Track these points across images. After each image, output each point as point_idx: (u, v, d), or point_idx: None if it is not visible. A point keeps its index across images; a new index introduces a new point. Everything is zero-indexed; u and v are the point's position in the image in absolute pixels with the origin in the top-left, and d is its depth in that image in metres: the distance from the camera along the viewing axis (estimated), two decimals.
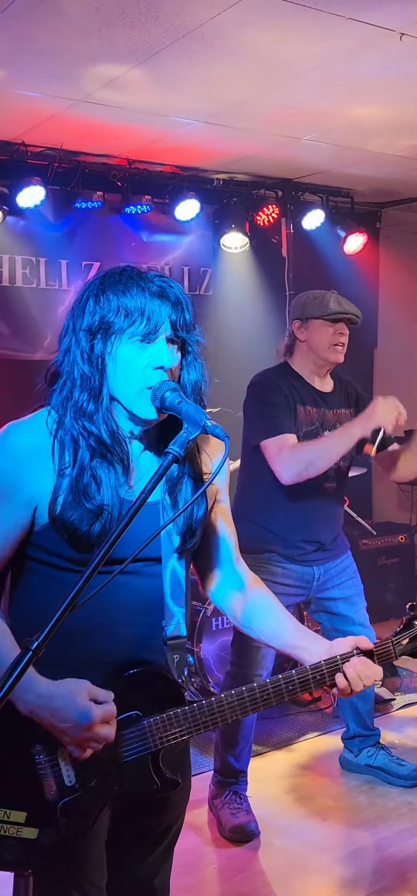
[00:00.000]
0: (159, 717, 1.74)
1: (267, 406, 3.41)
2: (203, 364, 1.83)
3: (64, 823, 1.68)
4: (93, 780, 1.71)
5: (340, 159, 5.62)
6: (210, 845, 3.42)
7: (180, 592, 1.84)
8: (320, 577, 3.60)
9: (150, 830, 1.87)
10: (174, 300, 1.75)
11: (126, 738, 1.73)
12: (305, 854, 3.36)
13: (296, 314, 3.58)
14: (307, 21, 3.42)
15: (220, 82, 4.14)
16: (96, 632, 1.75)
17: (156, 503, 1.78)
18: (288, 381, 3.50)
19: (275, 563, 3.49)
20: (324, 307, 3.47)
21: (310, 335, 3.50)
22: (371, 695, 3.93)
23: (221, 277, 6.49)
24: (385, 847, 3.36)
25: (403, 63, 3.90)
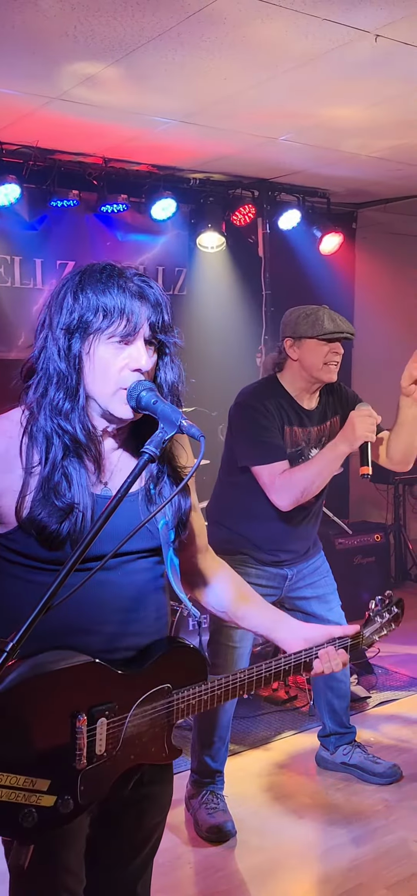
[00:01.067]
0: (186, 690, 1.83)
1: (260, 430, 3.35)
2: (180, 365, 1.82)
3: (81, 791, 1.70)
4: (117, 748, 1.74)
5: (316, 160, 5.65)
6: (187, 845, 3.42)
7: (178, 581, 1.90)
8: (292, 577, 3.62)
9: (132, 836, 1.86)
10: (154, 301, 1.74)
11: (156, 710, 1.79)
12: (282, 852, 3.37)
13: (288, 332, 3.45)
14: (282, 21, 3.43)
15: (196, 82, 4.14)
16: (76, 631, 1.74)
17: (133, 498, 1.78)
18: (277, 401, 3.42)
19: (249, 564, 3.49)
20: (319, 326, 3.35)
21: (304, 354, 3.39)
22: (347, 693, 3.95)
23: (197, 277, 6.49)
24: (361, 844, 3.38)
25: (378, 65, 3.92)
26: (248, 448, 3.39)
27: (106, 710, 1.72)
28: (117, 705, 1.74)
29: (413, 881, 3.11)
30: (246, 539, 3.49)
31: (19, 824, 1.63)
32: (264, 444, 3.34)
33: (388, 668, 5.24)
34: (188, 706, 1.83)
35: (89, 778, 1.71)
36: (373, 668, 5.10)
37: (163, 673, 1.82)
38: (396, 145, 5.26)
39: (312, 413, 3.51)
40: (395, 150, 5.36)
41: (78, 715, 1.68)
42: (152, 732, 1.80)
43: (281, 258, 6.73)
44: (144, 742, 1.79)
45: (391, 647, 5.53)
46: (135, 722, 1.76)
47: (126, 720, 1.75)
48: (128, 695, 1.76)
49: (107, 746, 1.73)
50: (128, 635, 1.80)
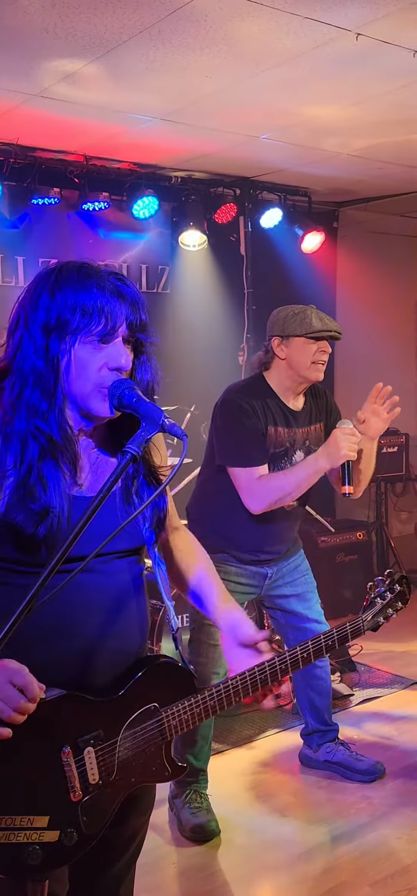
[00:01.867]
0: (175, 706, 1.80)
1: (240, 432, 3.33)
2: (156, 364, 1.81)
3: (85, 822, 1.70)
4: (113, 774, 1.74)
5: (297, 158, 5.65)
6: (170, 845, 3.41)
7: (167, 587, 1.90)
8: (272, 575, 3.62)
9: (115, 839, 1.85)
10: (131, 300, 1.73)
11: (147, 731, 1.78)
12: (265, 851, 3.37)
13: (276, 331, 3.43)
14: (263, 19, 3.43)
15: (177, 79, 4.13)
16: (57, 633, 1.73)
17: (110, 497, 1.76)
18: (263, 401, 3.39)
19: (230, 563, 3.49)
20: (307, 325, 3.35)
21: (291, 353, 3.38)
22: (329, 690, 3.95)
23: (179, 275, 6.48)
24: (344, 842, 3.39)
25: (359, 63, 3.93)
26: (228, 448, 3.38)
27: (91, 740, 1.71)
28: (103, 732, 1.73)
29: (395, 879, 3.12)
30: (226, 539, 3.48)
31: (25, 863, 1.63)
32: (244, 447, 3.32)
33: (371, 665, 5.26)
34: (181, 721, 1.81)
35: (91, 808, 1.71)
36: (356, 666, 5.12)
37: (148, 693, 1.80)
38: (377, 144, 5.28)
39: (298, 414, 3.49)
40: (376, 148, 5.37)
41: (62, 748, 1.68)
42: (149, 753, 1.78)
43: (263, 257, 6.74)
44: (142, 763, 1.78)
45: (373, 645, 5.55)
46: (126, 745, 1.75)
47: (116, 746, 1.74)
48: (113, 720, 1.75)
49: (100, 774, 1.72)
50: (110, 636, 1.78)
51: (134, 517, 1.65)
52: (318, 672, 3.86)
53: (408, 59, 3.84)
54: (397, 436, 7.15)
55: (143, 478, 1.81)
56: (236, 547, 3.50)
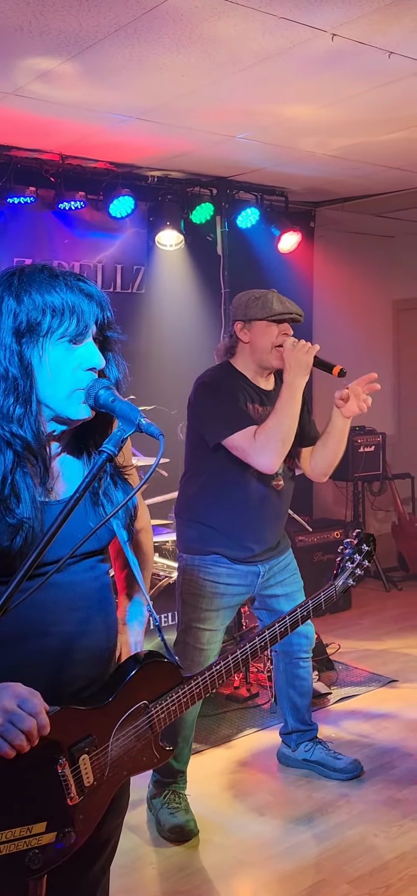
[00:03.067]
0: (163, 699, 1.86)
1: (226, 402, 3.33)
2: (123, 362, 1.80)
3: (81, 819, 1.72)
4: (106, 772, 1.77)
5: (274, 158, 5.66)
6: (149, 845, 3.40)
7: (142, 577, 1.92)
8: (264, 573, 3.57)
9: (89, 844, 1.84)
10: (98, 299, 1.72)
11: (138, 728, 1.81)
12: (244, 850, 3.37)
13: (238, 315, 3.45)
14: (239, 19, 3.43)
15: (154, 78, 4.12)
16: (32, 634, 1.72)
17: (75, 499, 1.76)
18: (235, 381, 3.42)
19: (221, 564, 3.46)
20: (268, 308, 3.36)
21: (254, 337, 3.39)
22: (309, 690, 3.95)
23: (156, 275, 6.47)
24: (323, 840, 3.39)
25: (334, 64, 3.94)
26: (217, 422, 3.32)
27: (86, 747, 1.73)
28: (96, 737, 1.75)
29: (374, 876, 3.13)
30: (217, 532, 3.44)
31: (28, 868, 1.66)
32: (231, 414, 3.29)
33: (348, 664, 5.28)
34: (169, 713, 1.87)
35: (85, 807, 1.74)
36: (334, 665, 5.13)
37: (137, 692, 1.83)
38: (353, 144, 5.30)
39: (270, 394, 3.48)
40: (352, 148, 5.40)
41: (58, 760, 1.69)
42: (139, 746, 1.83)
43: (240, 256, 6.75)
44: (133, 756, 1.82)
45: (351, 643, 5.58)
46: (118, 745, 1.79)
47: (108, 748, 1.77)
48: (105, 724, 1.77)
49: (95, 776, 1.75)
50: (84, 634, 1.78)
51: (111, 516, 1.64)
52: (300, 672, 3.86)
53: (384, 60, 3.86)
54: (374, 435, 7.19)
55: (110, 478, 1.81)
56: (227, 543, 3.45)
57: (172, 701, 1.87)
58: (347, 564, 2.33)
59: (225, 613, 3.54)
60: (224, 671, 2.00)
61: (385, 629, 5.93)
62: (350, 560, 2.33)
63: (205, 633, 3.47)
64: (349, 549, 2.35)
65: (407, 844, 3.31)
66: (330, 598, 2.31)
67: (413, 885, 3.07)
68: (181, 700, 1.89)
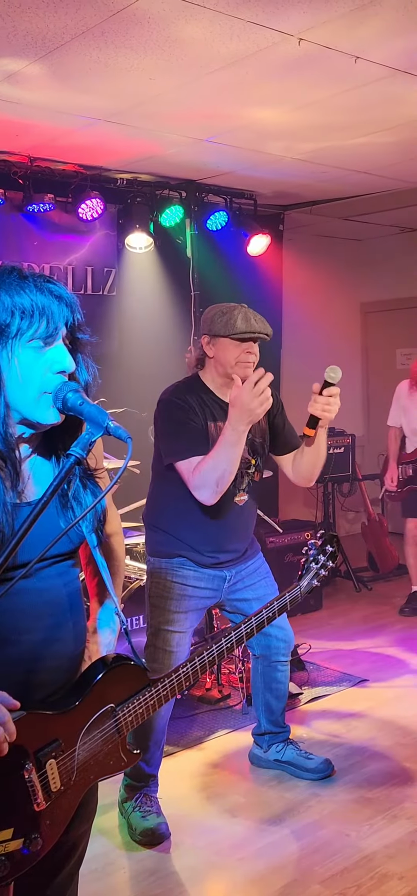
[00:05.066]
0: (130, 703, 1.86)
1: (177, 426, 3.31)
2: (93, 364, 1.80)
3: (48, 825, 1.71)
4: (73, 777, 1.76)
5: (242, 161, 5.68)
6: (120, 849, 3.39)
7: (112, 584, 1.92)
8: (231, 578, 3.57)
9: (57, 850, 1.84)
10: (68, 301, 1.72)
11: (105, 732, 1.81)
12: (216, 852, 3.37)
13: (205, 329, 3.43)
14: (206, 22, 3.44)
15: (122, 81, 4.12)
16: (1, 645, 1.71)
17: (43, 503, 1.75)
18: (199, 396, 3.38)
19: (188, 567, 3.47)
20: (231, 326, 3.30)
21: (218, 352, 3.36)
22: (285, 694, 3.95)
23: (126, 277, 6.46)
24: (295, 840, 3.41)
25: (302, 68, 3.96)
26: (169, 445, 3.34)
27: (52, 751, 1.73)
28: (63, 741, 1.75)
29: (345, 875, 3.15)
30: (182, 542, 3.46)
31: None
32: (180, 440, 3.28)
33: (319, 664, 5.31)
34: (136, 716, 1.87)
35: (52, 812, 1.73)
36: (305, 665, 5.16)
37: (104, 695, 1.83)
38: (320, 148, 5.34)
39: None
40: (319, 152, 5.44)
41: (25, 765, 1.68)
42: (107, 750, 1.83)
43: (210, 259, 6.76)
44: (100, 760, 1.82)
45: (322, 644, 5.61)
46: (85, 749, 1.78)
47: (75, 752, 1.76)
48: (72, 728, 1.77)
49: (62, 781, 1.74)
50: (54, 641, 1.77)
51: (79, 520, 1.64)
52: (278, 676, 3.86)
53: (350, 65, 3.89)
54: (343, 437, 7.24)
55: (80, 481, 1.80)
56: (193, 549, 3.46)
57: (139, 704, 1.87)
58: (312, 565, 2.38)
59: (193, 616, 3.54)
60: (191, 673, 2.01)
61: (355, 629, 5.97)
62: (314, 561, 2.38)
63: (174, 635, 3.46)
64: (313, 551, 2.40)
65: (378, 843, 3.34)
66: (295, 598, 2.36)
67: (383, 883, 3.09)
68: (148, 703, 1.89)
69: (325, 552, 2.37)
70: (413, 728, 4.35)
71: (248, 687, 4.64)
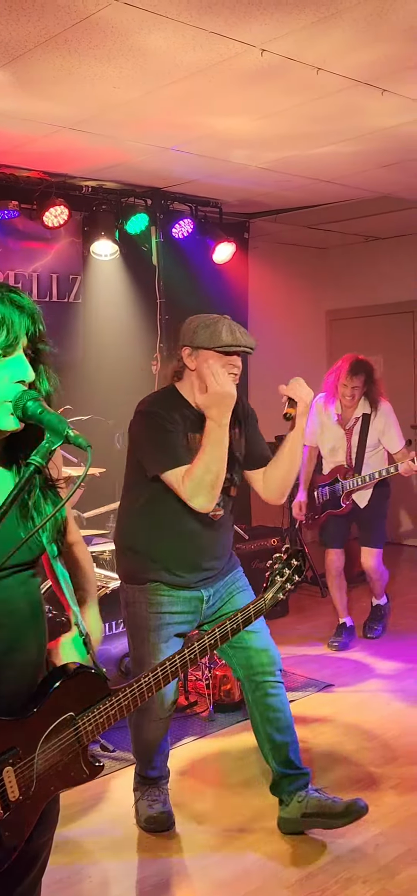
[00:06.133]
0: (90, 712, 1.85)
1: (161, 437, 3.19)
2: (54, 375, 1.80)
3: (6, 836, 1.70)
4: (32, 787, 1.75)
5: (207, 169, 5.71)
6: (85, 858, 3.38)
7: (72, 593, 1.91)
8: (209, 598, 3.39)
9: (18, 860, 1.82)
10: (30, 311, 1.71)
11: (64, 741, 1.80)
12: (182, 860, 3.37)
13: (186, 340, 3.27)
14: (169, 32, 3.46)
15: (85, 89, 4.12)
16: None
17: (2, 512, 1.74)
18: (179, 410, 3.25)
19: (162, 592, 3.33)
20: (216, 338, 3.17)
21: (200, 365, 3.21)
22: (289, 725, 3.46)
23: (91, 285, 6.45)
24: (260, 847, 3.42)
25: (264, 78, 4.00)
26: (154, 455, 3.20)
27: (9, 759, 1.71)
28: (20, 749, 1.73)
29: (310, 880, 3.17)
30: (156, 563, 3.32)
31: None
32: (165, 451, 3.17)
33: (286, 669, 5.30)
34: (97, 725, 1.86)
35: (11, 823, 1.71)
36: None
37: (63, 704, 1.82)
38: (285, 157, 5.38)
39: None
40: (283, 161, 5.48)
41: None
42: (66, 760, 1.81)
43: (176, 267, 6.78)
44: (60, 771, 1.80)
45: (288, 649, 5.63)
46: (44, 758, 1.77)
47: (34, 761, 1.75)
48: (30, 736, 1.76)
49: (20, 790, 1.73)
50: (15, 650, 1.77)
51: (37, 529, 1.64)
52: (271, 701, 3.42)
53: (312, 76, 3.94)
54: None
55: (40, 490, 1.79)
56: (167, 570, 3.31)
57: (100, 713, 1.86)
58: (277, 578, 2.38)
59: (175, 642, 3.37)
60: (153, 683, 2.01)
61: (321, 634, 6.01)
62: (279, 574, 2.38)
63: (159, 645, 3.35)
64: (278, 564, 2.40)
65: (343, 848, 3.36)
66: (260, 611, 2.36)
67: (348, 887, 3.11)
68: (109, 713, 1.88)
69: (290, 566, 2.37)
70: (377, 732, 4.38)
71: (215, 694, 4.66)
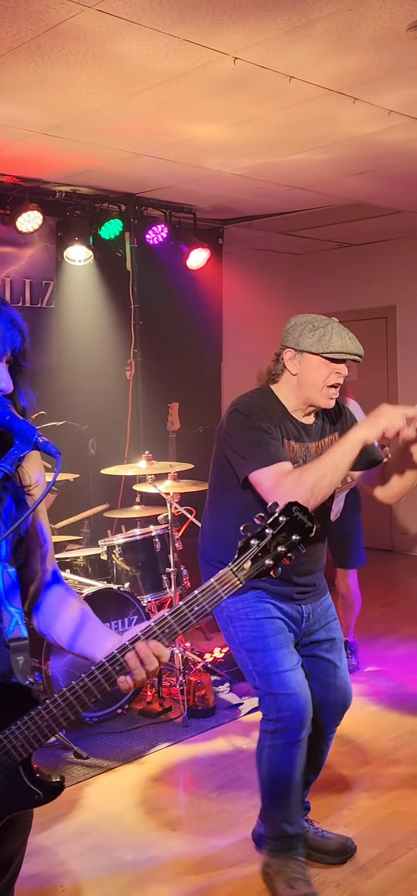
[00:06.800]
0: (15, 725, 1.68)
1: (260, 433, 2.90)
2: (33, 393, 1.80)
3: None
4: None
5: (181, 176, 5.72)
6: (59, 866, 3.36)
7: (15, 593, 1.79)
8: (309, 615, 3.11)
9: None
10: (21, 327, 1.74)
11: None
12: (155, 867, 3.36)
13: (289, 342, 3.00)
14: (142, 39, 3.47)
15: (59, 95, 4.12)
16: None
17: None
18: (276, 414, 2.99)
19: (266, 599, 3.02)
20: (325, 343, 2.91)
21: (304, 370, 2.95)
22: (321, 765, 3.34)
23: (65, 290, 6.44)
24: (234, 852, 3.42)
25: (238, 86, 4.02)
26: (248, 454, 2.90)
27: None
28: None
29: None
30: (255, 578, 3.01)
31: None
32: (263, 447, 2.87)
33: None
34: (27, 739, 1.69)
35: None
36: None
37: None
38: (258, 164, 5.41)
39: (310, 428, 3.06)
40: (257, 168, 5.51)
41: None
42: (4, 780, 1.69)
43: (150, 272, 6.79)
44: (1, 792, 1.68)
45: None
46: None
47: None
48: None
49: None
50: None
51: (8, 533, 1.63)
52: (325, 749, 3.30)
53: (284, 84, 3.96)
54: None
55: (11, 498, 1.79)
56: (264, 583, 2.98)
57: (27, 727, 1.70)
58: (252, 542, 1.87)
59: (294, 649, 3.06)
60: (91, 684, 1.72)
61: None
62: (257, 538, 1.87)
63: (289, 674, 2.99)
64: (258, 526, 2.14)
65: None
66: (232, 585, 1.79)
67: (322, 891, 3.12)
68: (39, 725, 1.71)
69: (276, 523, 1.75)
70: (350, 736, 4.41)
71: (189, 699, 4.65)
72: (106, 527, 5.63)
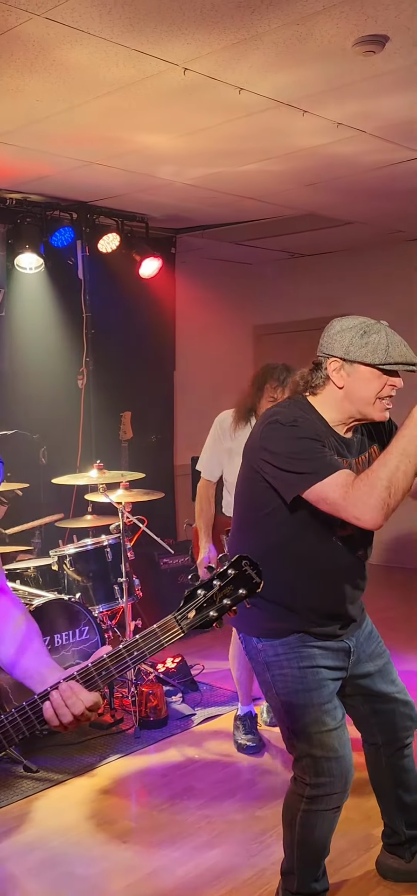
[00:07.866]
0: None
1: (311, 442, 2.53)
2: None
3: None
4: None
5: (132, 185, 5.72)
6: (7, 882, 3.31)
7: None
8: (355, 650, 2.83)
9: None
10: None
11: None
12: (106, 879, 3.34)
13: (337, 350, 2.59)
14: (92, 48, 3.46)
15: (8, 101, 4.08)
16: None
17: None
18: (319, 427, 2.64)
19: (309, 643, 2.72)
20: (381, 353, 2.53)
21: (354, 383, 2.58)
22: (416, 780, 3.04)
23: (16, 298, 6.37)
24: (185, 862, 3.41)
25: (188, 96, 4.03)
26: (299, 467, 2.51)
27: None
28: None
29: (234, 894, 3.18)
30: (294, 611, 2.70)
31: None
32: (318, 458, 2.51)
33: (212, 684, 5.34)
34: None
35: None
36: (198, 686, 5.18)
37: None
38: (209, 174, 5.43)
39: (350, 442, 2.73)
40: (208, 178, 5.53)
41: None
42: None
43: (102, 281, 6.77)
44: None
45: (215, 664, 5.65)
46: None
47: None
48: None
49: None
50: None
51: None
52: (407, 763, 3.00)
53: (234, 96, 3.99)
54: None
55: None
56: (309, 619, 2.70)
57: None
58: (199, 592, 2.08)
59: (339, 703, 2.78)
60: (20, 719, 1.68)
61: None
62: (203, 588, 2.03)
63: (332, 733, 2.70)
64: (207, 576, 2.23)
65: (266, 860, 3.38)
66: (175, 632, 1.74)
67: None
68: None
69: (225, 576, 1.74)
70: None
71: (141, 710, 4.63)
72: (57, 536, 5.58)
